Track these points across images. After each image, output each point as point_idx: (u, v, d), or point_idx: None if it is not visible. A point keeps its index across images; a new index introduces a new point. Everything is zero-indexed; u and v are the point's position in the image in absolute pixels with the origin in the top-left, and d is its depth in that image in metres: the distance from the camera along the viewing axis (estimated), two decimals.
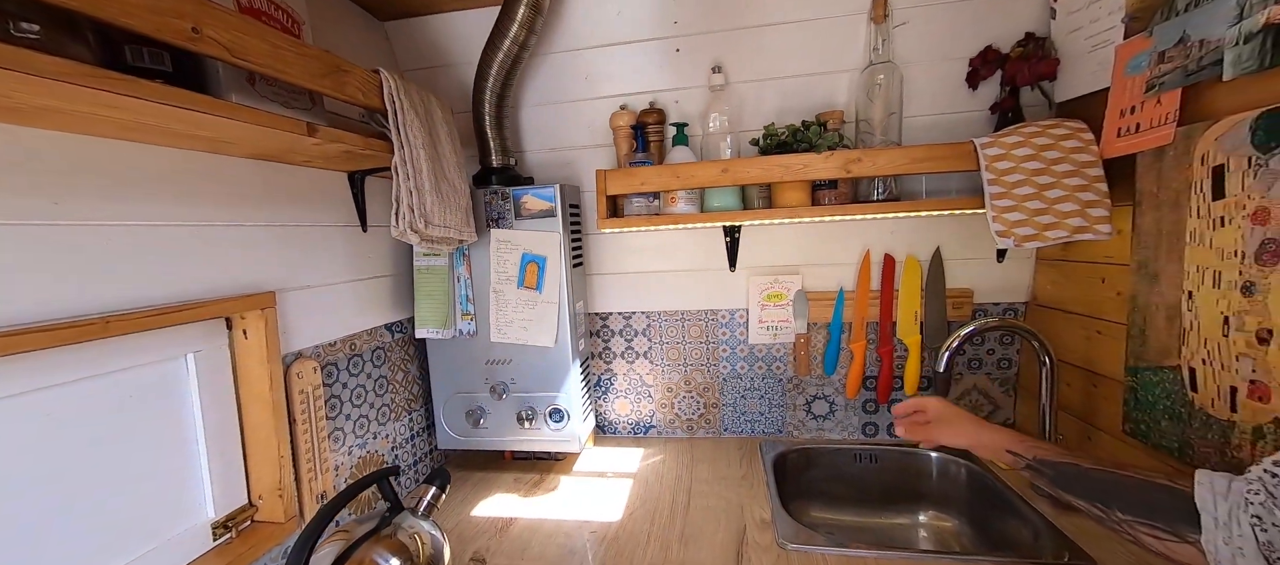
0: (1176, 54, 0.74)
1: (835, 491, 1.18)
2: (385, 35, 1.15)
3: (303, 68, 0.65)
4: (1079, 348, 0.97)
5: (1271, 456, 0.47)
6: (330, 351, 0.92)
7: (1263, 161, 0.63)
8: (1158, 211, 0.78)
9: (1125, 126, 0.82)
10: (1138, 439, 0.83)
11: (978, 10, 1.00)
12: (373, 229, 1.03)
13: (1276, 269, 0.62)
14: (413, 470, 1.15)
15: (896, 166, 0.95)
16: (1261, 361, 0.64)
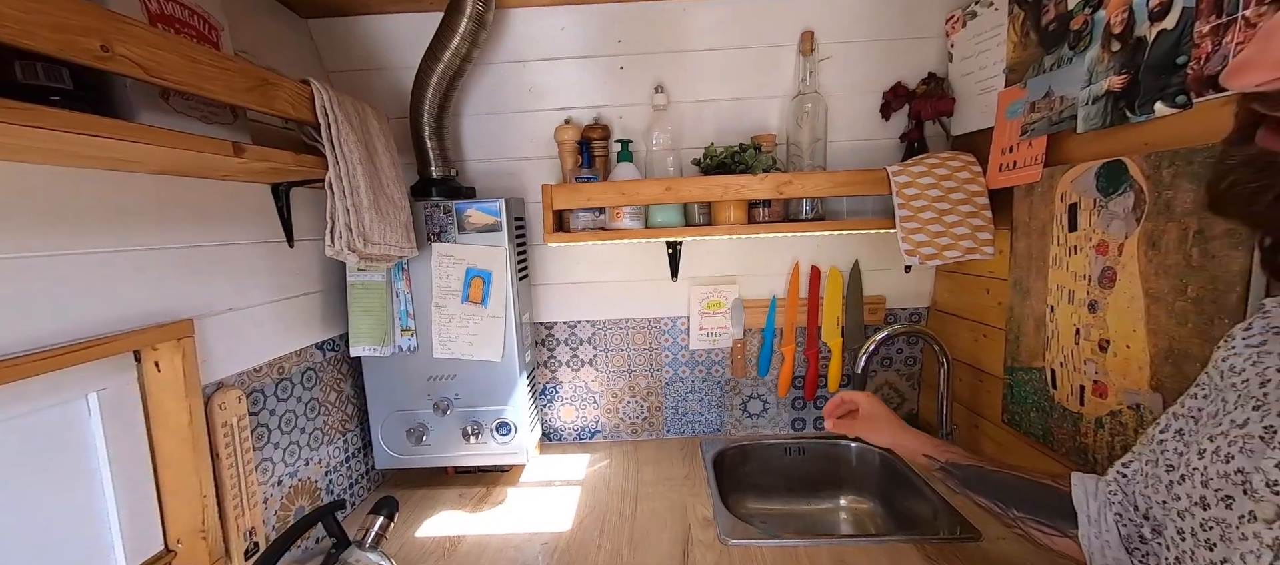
0: (1044, 105, 0.87)
1: (768, 483, 1.28)
2: (308, 34, 1.07)
3: (226, 82, 0.61)
4: (969, 348, 1.13)
5: (1120, 460, 0.56)
6: (256, 377, 0.86)
7: (1104, 203, 0.77)
8: (1029, 238, 0.92)
9: (1005, 163, 0.96)
10: (1013, 427, 0.98)
11: (890, 50, 1.12)
12: (300, 244, 0.97)
13: (1112, 291, 0.76)
14: (349, 493, 1.10)
15: (822, 189, 1.05)
16: (1102, 365, 0.78)
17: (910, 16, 1.10)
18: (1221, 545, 0.39)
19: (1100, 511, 0.54)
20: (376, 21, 1.08)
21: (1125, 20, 0.72)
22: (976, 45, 1.03)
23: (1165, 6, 0.67)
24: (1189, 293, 0.65)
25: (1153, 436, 0.52)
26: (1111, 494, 0.54)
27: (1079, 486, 0.57)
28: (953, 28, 1.09)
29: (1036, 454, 0.93)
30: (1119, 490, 0.54)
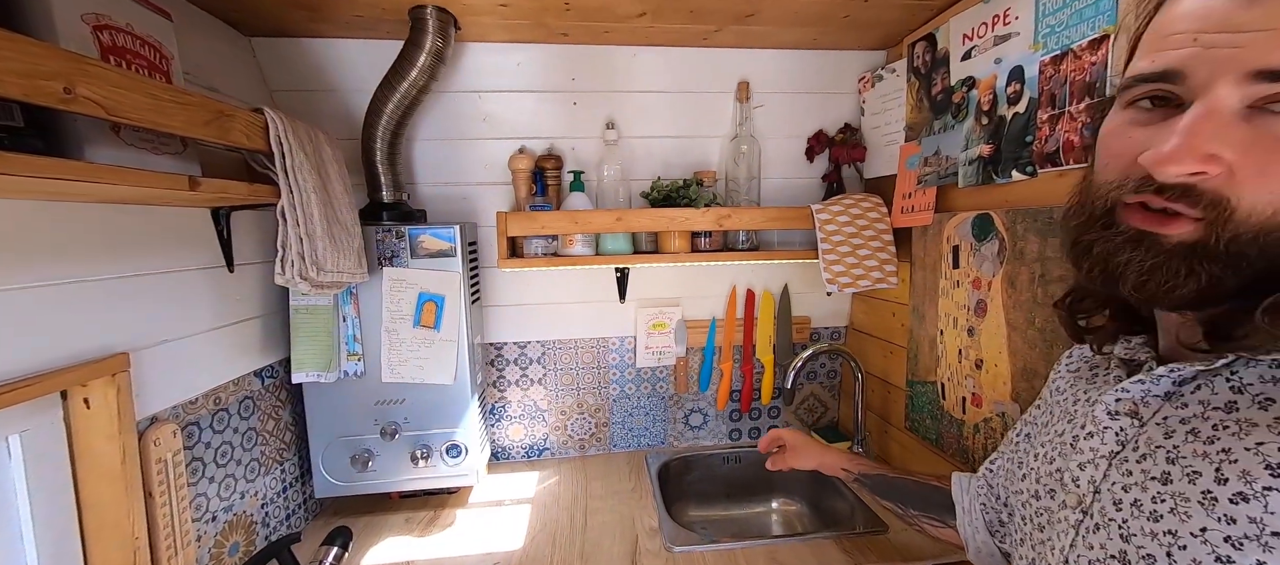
0: (934, 161, 1.04)
1: (709, 491, 1.38)
2: (251, 52, 1.04)
3: (185, 118, 0.61)
4: (879, 363, 1.29)
5: (987, 460, 0.69)
6: (192, 409, 0.83)
7: (978, 247, 0.94)
8: (924, 271, 1.09)
9: (905, 206, 1.13)
10: (913, 432, 1.14)
11: (813, 102, 1.27)
12: (241, 268, 0.94)
13: (985, 319, 0.93)
14: (286, 525, 1.06)
15: (757, 223, 1.17)
16: (978, 380, 0.95)
17: (830, 74, 1.26)
18: (1047, 528, 0.46)
19: (971, 503, 0.67)
20: (327, 45, 1.07)
21: (991, 101, 0.90)
22: (883, 104, 1.20)
23: (1018, 94, 0.84)
24: (1036, 323, 0.82)
25: (1010, 439, 0.65)
26: (979, 488, 0.67)
27: (956, 484, 0.71)
28: (864, 87, 1.26)
29: (930, 454, 1.09)
30: (985, 485, 0.67)
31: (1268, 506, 0.31)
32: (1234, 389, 0.36)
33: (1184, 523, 0.35)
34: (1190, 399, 0.38)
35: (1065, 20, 0.76)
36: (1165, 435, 0.38)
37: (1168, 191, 0.33)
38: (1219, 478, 0.34)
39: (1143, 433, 0.40)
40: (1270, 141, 0.31)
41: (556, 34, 1.12)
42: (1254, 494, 0.32)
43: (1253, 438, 0.33)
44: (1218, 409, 0.36)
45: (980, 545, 0.66)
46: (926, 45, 1.06)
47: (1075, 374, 0.53)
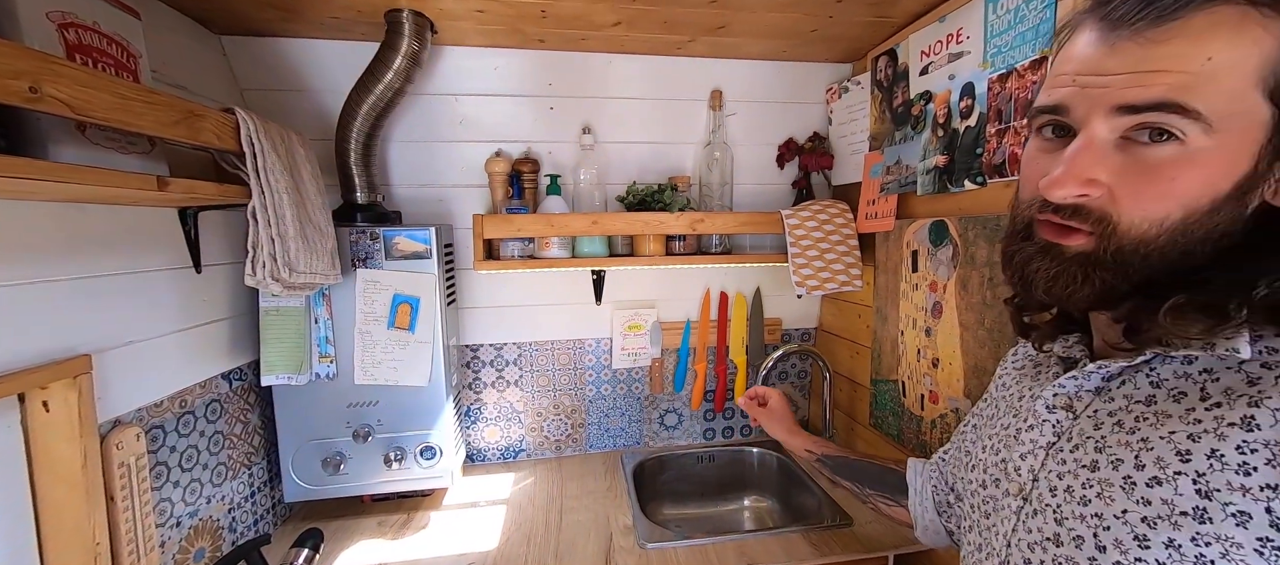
0: (895, 170, 1.10)
1: (683, 489, 1.41)
2: (221, 50, 1.03)
3: (154, 118, 0.60)
4: (847, 363, 1.34)
5: (940, 449, 0.74)
6: (156, 412, 0.81)
7: (934, 252, 0.99)
8: (886, 274, 1.14)
9: (869, 212, 1.18)
10: (877, 429, 1.19)
11: (783, 111, 1.32)
12: (208, 269, 0.92)
13: (940, 320, 0.98)
14: (254, 530, 1.04)
15: (729, 227, 1.21)
16: (935, 378, 1.00)
17: (799, 84, 1.31)
18: (993, 515, 0.50)
19: (923, 486, 0.72)
20: (300, 44, 1.06)
21: (946, 114, 0.95)
22: (849, 114, 1.25)
23: (969, 109, 0.90)
24: (985, 324, 0.87)
25: (960, 430, 0.70)
26: (931, 472, 0.72)
27: (910, 468, 0.76)
28: (831, 97, 1.31)
29: (892, 448, 1.14)
30: (937, 470, 0.72)
31: (1177, 489, 0.35)
32: (1153, 384, 0.40)
33: (1108, 506, 0.38)
34: (1116, 393, 0.42)
35: (1010, 41, 0.81)
36: (1094, 427, 0.42)
37: (1062, 211, 0.38)
38: (1138, 464, 0.37)
39: (1076, 425, 0.43)
40: (1140, 168, 0.35)
41: (533, 40, 1.14)
42: (1166, 478, 0.36)
43: (1166, 427, 0.37)
44: (1139, 402, 0.40)
45: (928, 523, 0.71)
46: (888, 60, 1.11)
47: (1021, 370, 0.57)
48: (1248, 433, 0.33)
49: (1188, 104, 0.33)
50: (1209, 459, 0.34)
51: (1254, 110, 0.33)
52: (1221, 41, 0.32)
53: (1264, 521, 0.32)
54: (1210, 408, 0.36)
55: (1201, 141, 0.33)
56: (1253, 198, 0.35)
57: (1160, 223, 0.35)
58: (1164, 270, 0.36)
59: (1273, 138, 0.33)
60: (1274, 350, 0.35)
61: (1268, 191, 0.35)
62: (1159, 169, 0.35)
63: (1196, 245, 0.36)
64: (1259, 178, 0.34)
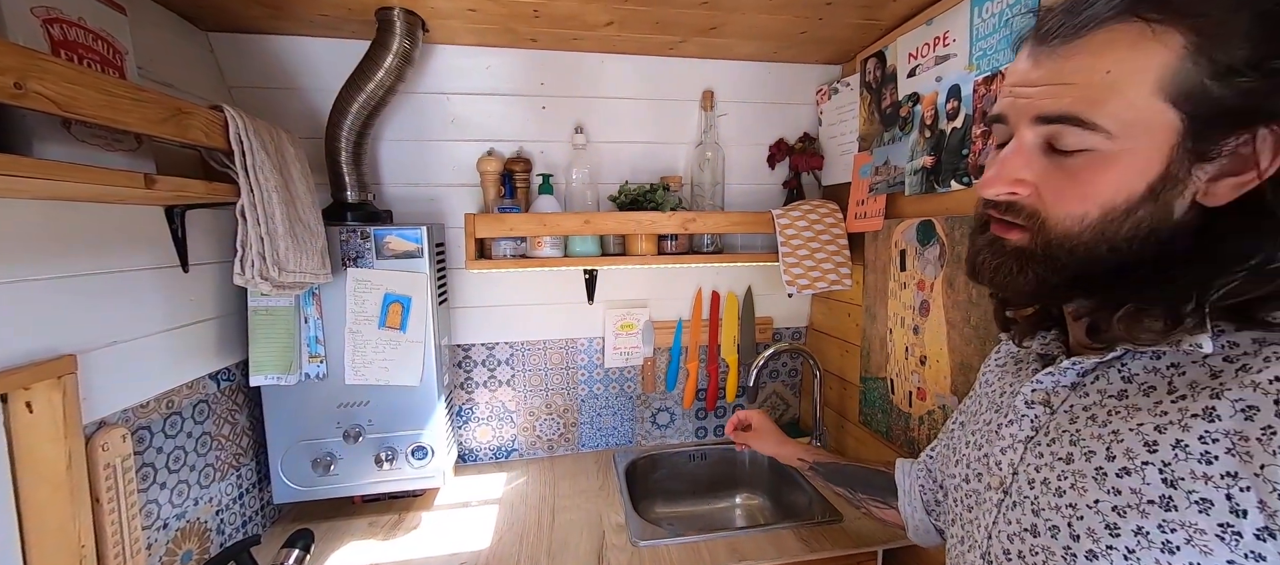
0: (884, 170, 1.11)
1: (675, 488, 1.41)
2: (208, 47, 1.02)
3: (141, 115, 0.60)
4: (837, 361, 1.36)
5: (927, 448, 0.75)
6: (143, 413, 0.80)
7: (922, 251, 1.01)
8: (875, 273, 1.16)
9: (859, 212, 1.19)
10: (866, 426, 1.21)
11: (774, 112, 1.33)
12: (196, 268, 0.91)
13: (928, 318, 1.00)
14: (241, 532, 1.03)
15: (721, 227, 1.22)
16: (923, 375, 1.02)
17: (790, 86, 1.32)
18: (975, 508, 0.51)
19: (912, 486, 0.73)
20: (289, 42, 1.05)
21: (933, 116, 0.97)
22: (838, 115, 1.27)
23: (955, 111, 0.92)
24: (972, 322, 0.89)
25: (947, 427, 0.71)
26: (919, 472, 0.73)
27: (899, 470, 0.76)
28: (821, 98, 1.32)
29: (882, 446, 1.16)
30: (925, 469, 0.73)
31: (1145, 478, 0.36)
32: (1124, 378, 0.41)
33: (1081, 496, 0.40)
34: (1090, 388, 0.43)
35: (995, 44, 0.83)
36: (1070, 421, 0.43)
37: (1000, 207, 0.42)
38: (1109, 455, 0.39)
39: (1053, 419, 0.45)
40: (1061, 174, 0.39)
41: (525, 39, 1.14)
42: (1135, 468, 0.37)
43: (1135, 419, 0.38)
44: (1112, 396, 0.41)
45: (918, 523, 0.72)
46: (877, 62, 1.13)
47: (1002, 367, 0.58)
48: (1209, 423, 0.35)
49: (1086, 117, 0.36)
50: (1174, 449, 0.36)
51: (1157, 117, 0.35)
52: (1119, 56, 0.35)
53: (1224, 508, 0.33)
54: (1176, 400, 0.37)
55: (1109, 147, 0.36)
56: (1172, 198, 0.36)
57: (1081, 220, 0.38)
58: (1099, 266, 0.39)
59: (1184, 141, 0.35)
60: (1235, 344, 0.36)
61: (1198, 194, 0.36)
62: (1076, 172, 0.38)
63: (1124, 243, 0.37)
64: (1174, 179, 0.36)
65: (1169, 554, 0.35)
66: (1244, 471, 0.33)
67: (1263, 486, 0.32)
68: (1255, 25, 0.32)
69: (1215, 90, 0.33)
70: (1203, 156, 0.35)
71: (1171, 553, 0.35)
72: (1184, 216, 0.37)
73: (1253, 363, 0.34)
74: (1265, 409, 0.33)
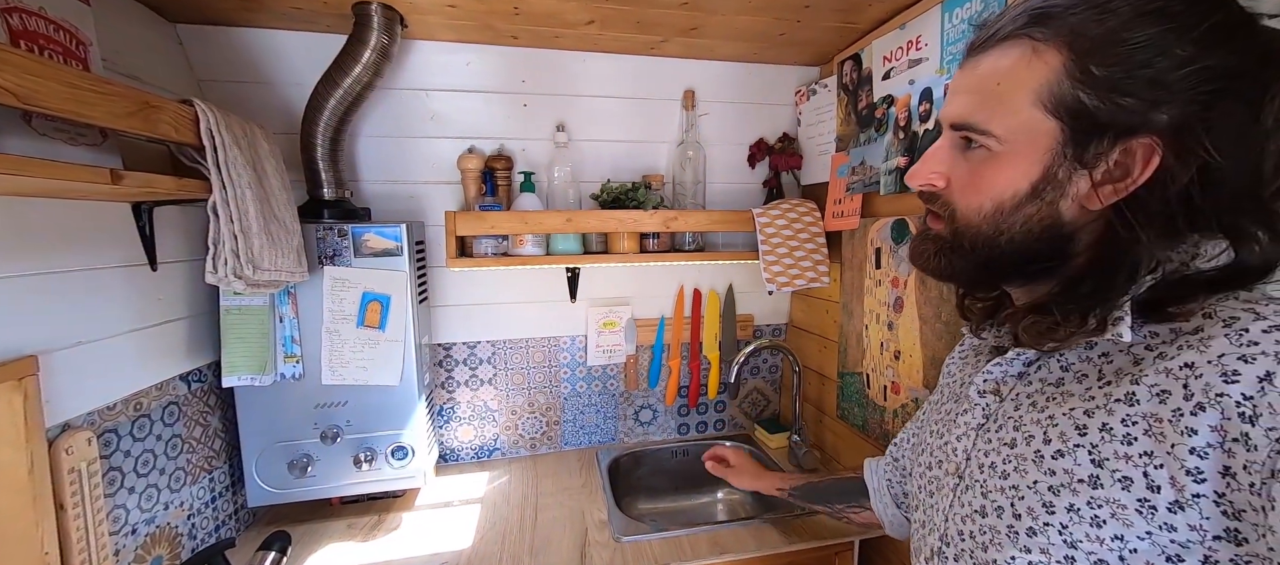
0: (860, 170, 1.14)
1: (657, 484, 1.43)
2: (176, 39, 0.99)
3: (107, 108, 0.58)
4: (816, 357, 1.39)
5: (892, 441, 0.77)
6: (109, 416, 0.78)
7: (895, 249, 1.03)
8: (852, 271, 1.19)
9: (836, 211, 1.22)
10: (843, 420, 1.24)
11: (754, 112, 1.35)
12: (165, 266, 0.89)
13: (902, 314, 1.03)
14: (214, 536, 1.01)
15: (702, 225, 1.23)
16: (897, 370, 1.04)
17: (770, 86, 1.34)
18: (935, 494, 0.53)
19: (880, 483, 0.75)
20: (261, 35, 1.03)
21: (907, 117, 0.99)
22: (817, 116, 1.29)
23: (928, 113, 0.94)
24: (942, 318, 0.92)
25: (915, 418, 0.73)
26: (886, 467, 0.75)
27: (867, 470, 0.78)
28: (800, 99, 1.35)
29: (858, 439, 1.19)
30: (890, 463, 0.75)
31: (1076, 460, 0.39)
32: (1062, 367, 0.44)
33: (1022, 478, 0.42)
34: (1033, 377, 0.46)
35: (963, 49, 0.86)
36: (1015, 408, 0.46)
37: (926, 199, 0.47)
38: (1046, 439, 0.41)
39: (1001, 407, 0.47)
40: (966, 169, 0.43)
41: (506, 37, 1.13)
42: (1067, 450, 0.40)
43: (1068, 405, 0.41)
44: (1051, 384, 0.44)
45: (892, 517, 0.74)
46: (853, 64, 1.15)
47: (965, 360, 0.60)
48: (1130, 407, 0.37)
49: (974, 123, 0.41)
50: (1101, 432, 0.38)
51: (1038, 125, 0.39)
52: (1008, 69, 0.39)
53: (1142, 484, 0.36)
54: (1104, 386, 0.40)
55: (998, 148, 0.41)
56: (1056, 198, 0.40)
57: (979, 211, 0.43)
58: (1000, 254, 0.43)
59: (1064, 148, 0.38)
60: (1155, 334, 0.39)
61: (1082, 197, 0.39)
62: (974, 169, 0.43)
63: (1018, 235, 0.42)
64: (1055, 181, 0.39)
65: (1096, 527, 0.38)
66: (1158, 450, 0.35)
67: (1173, 463, 0.35)
68: (1128, 48, 0.35)
69: (1091, 104, 0.36)
70: (1082, 162, 0.38)
71: (1099, 526, 0.38)
72: (1079, 217, 0.41)
73: (1168, 350, 0.37)
74: (1175, 392, 0.35)
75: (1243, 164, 0.36)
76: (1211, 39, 0.34)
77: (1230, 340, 0.35)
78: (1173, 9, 0.35)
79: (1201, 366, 0.35)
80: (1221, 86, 0.34)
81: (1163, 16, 0.35)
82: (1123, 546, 0.37)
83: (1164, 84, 0.35)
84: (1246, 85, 0.35)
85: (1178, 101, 0.35)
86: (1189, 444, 0.34)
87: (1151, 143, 0.36)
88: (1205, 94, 0.34)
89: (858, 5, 1.00)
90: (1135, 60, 0.35)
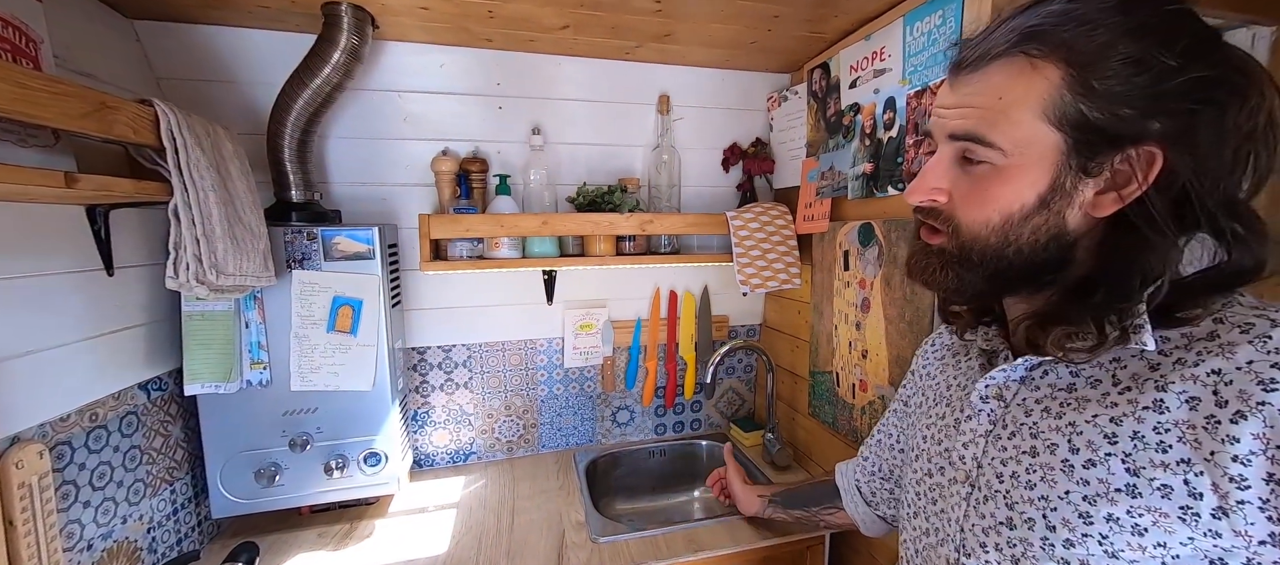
0: (829, 175, 1.18)
1: (635, 484, 1.44)
2: (134, 36, 0.95)
3: (60, 109, 0.56)
4: (788, 357, 1.42)
5: (863, 443, 0.79)
6: (62, 427, 0.75)
7: (863, 252, 1.07)
8: (822, 272, 1.22)
9: (807, 215, 1.25)
10: (815, 417, 1.27)
11: (728, 117, 1.38)
12: (121, 271, 0.86)
13: (869, 315, 1.06)
14: (176, 549, 0.97)
15: (677, 228, 1.25)
16: (864, 368, 1.08)
17: (743, 92, 1.37)
18: (940, 501, 0.52)
19: (850, 484, 0.77)
20: (225, 33, 1.00)
21: (872, 125, 1.03)
22: (788, 122, 1.33)
23: (892, 121, 0.98)
24: (906, 318, 0.95)
25: (884, 418, 0.75)
26: (856, 468, 0.77)
27: (838, 473, 0.81)
28: (773, 105, 1.38)
29: (828, 435, 1.22)
30: (859, 464, 0.77)
31: (1110, 469, 0.39)
32: (1072, 374, 0.44)
33: (1052, 488, 0.42)
34: (1041, 382, 0.46)
35: (924, 62, 0.90)
36: (1026, 413, 0.46)
37: (924, 213, 0.48)
38: (1072, 447, 0.41)
39: (1008, 412, 0.47)
40: (969, 183, 0.44)
41: (481, 39, 1.13)
42: (1099, 459, 0.40)
43: (1088, 412, 0.41)
44: (1062, 390, 0.44)
45: (863, 515, 0.76)
46: (822, 73, 1.19)
47: (942, 362, 0.61)
48: (1160, 415, 0.38)
49: (984, 136, 0.42)
50: (1133, 440, 0.39)
51: (1043, 137, 0.40)
52: (1008, 85, 0.40)
53: (1183, 492, 0.37)
54: (1123, 392, 0.40)
55: (1004, 162, 0.41)
56: (1063, 207, 0.41)
57: (986, 224, 0.43)
58: (1008, 266, 0.43)
59: (1069, 158, 0.40)
60: (1167, 338, 0.40)
61: (1087, 205, 0.41)
62: (979, 182, 0.43)
63: (1026, 246, 0.43)
64: (1062, 190, 0.41)
65: (1138, 536, 0.38)
66: (1196, 457, 0.36)
67: (1215, 471, 0.35)
68: (1122, 62, 0.37)
69: (1092, 115, 0.38)
70: (1087, 171, 0.40)
71: (1140, 534, 0.38)
72: (1082, 225, 0.42)
73: (1187, 357, 0.38)
74: (1206, 400, 0.36)
75: (1225, 168, 0.38)
76: (1193, 52, 0.36)
77: (1255, 347, 0.36)
78: (1154, 25, 0.37)
79: (1231, 373, 0.36)
80: (1205, 96, 0.37)
81: (1147, 32, 0.37)
82: (1166, 553, 0.37)
83: (1158, 94, 0.37)
84: (1224, 94, 0.37)
85: (1171, 110, 0.37)
86: (1231, 451, 0.35)
87: (1152, 150, 0.38)
88: (1193, 102, 0.37)
89: (825, 16, 1.03)
90: (1129, 73, 0.37)
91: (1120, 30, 0.37)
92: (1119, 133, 0.38)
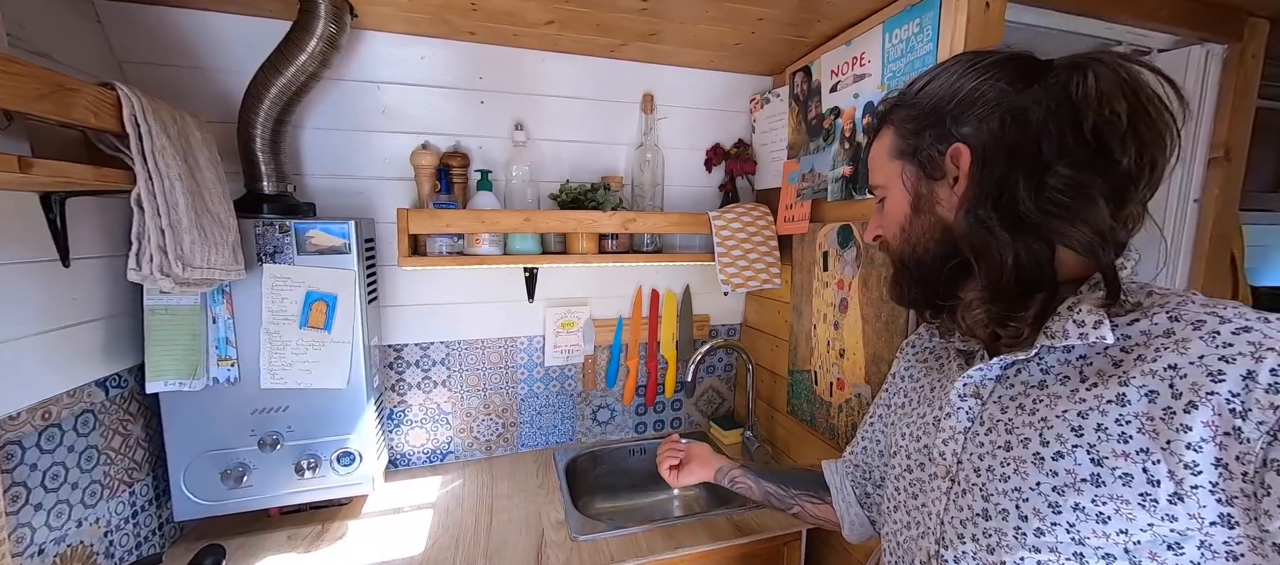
0: (809, 178, 1.20)
1: (615, 483, 1.44)
2: (94, 16, 0.91)
3: (14, 90, 0.53)
4: (769, 356, 1.44)
5: (850, 444, 0.79)
6: (12, 426, 0.71)
7: (841, 253, 1.09)
8: (802, 273, 1.24)
9: (788, 216, 1.27)
10: (793, 415, 1.29)
11: (711, 118, 1.39)
12: (79, 262, 0.82)
13: (846, 315, 1.08)
14: (136, 553, 0.93)
15: (660, 227, 1.25)
16: (842, 367, 1.10)
17: (727, 93, 1.38)
18: (921, 495, 0.55)
19: (841, 483, 0.78)
20: (193, 16, 0.96)
21: (851, 129, 1.05)
22: (770, 124, 1.34)
23: (871, 126, 1.00)
24: (883, 318, 0.98)
25: (867, 422, 0.76)
26: (847, 468, 0.78)
27: (827, 470, 0.81)
28: (755, 107, 1.39)
29: (807, 433, 1.24)
30: (849, 465, 0.78)
31: (1076, 460, 0.42)
32: (1043, 370, 0.47)
33: (1024, 480, 0.45)
34: (1015, 380, 0.49)
35: (903, 68, 0.92)
36: (1001, 410, 0.48)
37: (879, 248, 0.61)
38: (1043, 440, 0.44)
39: (985, 410, 0.50)
40: (881, 214, 0.58)
41: (463, 32, 1.11)
42: (1066, 451, 0.43)
43: (1059, 407, 0.44)
44: (1034, 387, 0.47)
45: (853, 518, 0.76)
46: (804, 76, 1.21)
47: (923, 363, 0.64)
48: (1121, 407, 0.41)
49: (874, 183, 0.58)
50: (1097, 432, 0.41)
51: (896, 168, 0.54)
52: (879, 146, 0.57)
53: (1142, 480, 0.39)
54: (1090, 387, 0.43)
55: (886, 192, 0.56)
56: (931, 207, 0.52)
57: (896, 237, 0.55)
58: (922, 266, 0.53)
59: (916, 173, 0.52)
60: (1128, 336, 0.43)
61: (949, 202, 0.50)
62: (884, 212, 0.57)
63: (923, 249, 0.53)
64: (922, 197, 0.52)
65: (1102, 523, 0.41)
66: (1154, 447, 0.39)
67: (1170, 458, 0.38)
68: (918, 104, 0.52)
69: (908, 143, 0.53)
70: (930, 176, 0.51)
71: (1104, 522, 0.41)
72: (959, 223, 0.49)
73: (1146, 352, 0.41)
74: (1163, 393, 0.39)
75: (1025, 160, 0.46)
76: (983, 75, 0.48)
77: (1206, 342, 0.39)
78: (941, 70, 0.52)
79: (1184, 368, 0.39)
80: (992, 105, 0.47)
81: (943, 71, 0.51)
82: (1127, 539, 0.40)
83: (948, 111, 0.49)
84: (1009, 101, 0.46)
85: (967, 119, 0.48)
86: (1185, 439, 0.37)
87: (958, 148, 0.48)
88: (980, 112, 0.47)
89: (808, 20, 1.05)
90: (921, 107, 0.52)
91: (923, 83, 0.53)
92: (927, 143, 0.51)
